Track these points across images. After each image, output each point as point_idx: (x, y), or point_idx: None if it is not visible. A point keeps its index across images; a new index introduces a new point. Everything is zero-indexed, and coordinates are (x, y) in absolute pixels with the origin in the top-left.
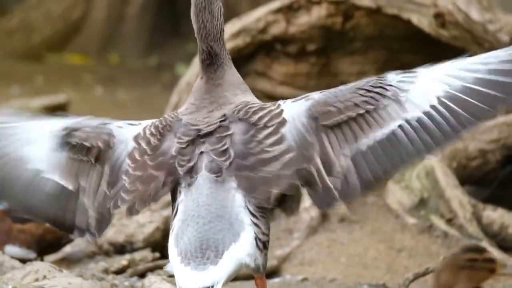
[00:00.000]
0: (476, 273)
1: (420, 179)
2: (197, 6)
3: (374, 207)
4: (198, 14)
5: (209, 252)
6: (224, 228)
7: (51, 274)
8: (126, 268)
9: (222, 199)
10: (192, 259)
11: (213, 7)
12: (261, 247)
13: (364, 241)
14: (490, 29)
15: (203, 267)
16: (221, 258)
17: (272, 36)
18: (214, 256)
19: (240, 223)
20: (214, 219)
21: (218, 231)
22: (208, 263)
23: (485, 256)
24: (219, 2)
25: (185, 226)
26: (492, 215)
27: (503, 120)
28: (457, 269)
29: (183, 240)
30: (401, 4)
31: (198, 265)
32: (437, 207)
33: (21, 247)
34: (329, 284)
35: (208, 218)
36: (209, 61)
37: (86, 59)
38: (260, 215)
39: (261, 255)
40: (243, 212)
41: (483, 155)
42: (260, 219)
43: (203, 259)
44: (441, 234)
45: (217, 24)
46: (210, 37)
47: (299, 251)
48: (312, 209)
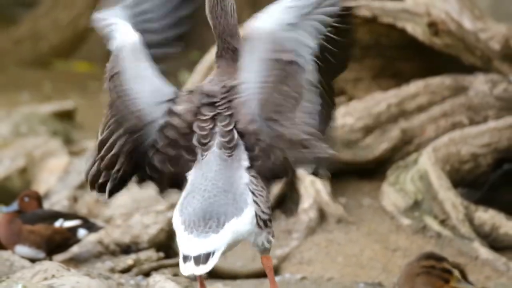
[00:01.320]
0: (431, 280)
1: (414, 182)
2: (210, 3)
3: (370, 209)
4: (212, 10)
5: (211, 222)
6: (228, 203)
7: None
8: (131, 267)
9: (230, 176)
10: (195, 227)
11: (226, 3)
12: (262, 224)
13: (361, 241)
14: (482, 37)
15: (205, 235)
16: (222, 228)
17: None
18: (216, 226)
19: (244, 200)
20: (219, 193)
21: (222, 205)
22: (210, 231)
23: (443, 266)
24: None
25: (191, 198)
26: (484, 216)
27: (494, 125)
28: (414, 276)
29: (188, 210)
30: (396, 13)
31: (200, 233)
32: (430, 209)
33: (30, 247)
34: (326, 283)
35: (214, 192)
36: (228, 56)
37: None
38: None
39: (262, 233)
40: (247, 190)
41: (475, 158)
42: (259, 197)
43: (205, 227)
44: (435, 234)
45: (231, 20)
46: (226, 33)
47: (298, 251)
48: (311, 210)
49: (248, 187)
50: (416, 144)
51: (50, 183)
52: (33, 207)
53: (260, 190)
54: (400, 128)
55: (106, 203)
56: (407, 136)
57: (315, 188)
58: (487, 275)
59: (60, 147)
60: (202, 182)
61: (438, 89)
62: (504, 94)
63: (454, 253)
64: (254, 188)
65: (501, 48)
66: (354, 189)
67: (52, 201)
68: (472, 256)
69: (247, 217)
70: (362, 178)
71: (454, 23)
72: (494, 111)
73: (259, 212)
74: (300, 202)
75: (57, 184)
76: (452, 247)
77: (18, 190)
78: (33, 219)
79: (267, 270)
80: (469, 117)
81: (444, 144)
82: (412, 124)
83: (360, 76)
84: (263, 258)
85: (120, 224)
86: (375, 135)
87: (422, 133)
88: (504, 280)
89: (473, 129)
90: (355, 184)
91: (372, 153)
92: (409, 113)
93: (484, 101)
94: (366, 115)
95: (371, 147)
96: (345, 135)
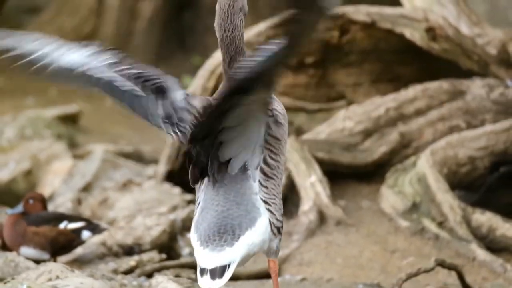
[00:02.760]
0: None
1: (413, 185)
2: (220, 16)
3: (369, 211)
4: (221, 23)
5: (226, 236)
6: (241, 215)
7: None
8: (134, 268)
9: (241, 187)
10: (210, 242)
11: (236, 18)
12: (276, 232)
13: (360, 243)
14: (479, 42)
15: (220, 248)
16: (237, 241)
17: None
18: (231, 239)
19: (257, 210)
20: (232, 206)
21: (236, 217)
22: (225, 245)
23: None
24: (241, 14)
25: (205, 214)
26: (481, 218)
27: (490, 129)
28: None
29: (203, 225)
30: (394, 19)
31: (215, 247)
32: (428, 211)
33: (35, 248)
34: (326, 284)
35: (227, 206)
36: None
37: None
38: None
39: (275, 240)
40: (259, 200)
41: (472, 161)
42: (272, 206)
43: (220, 241)
44: (433, 236)
45: (238, 34)
46: (232, 47)
47: (298, 252)
48: (310, 212)
49: (260, 196)
50: (414, 147)
51: (55, 185)
52: (37, 209)
53: (272, 198)
54: (398, 131)
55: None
56: (405, 139)
57: (315, 191)
58: (484, 276)
59: (64, 150)
60: (214, 197)
61: (436, 93)
62: (500, 98)
63: (452, 254)
64: (266, 196)
65: (497, 53)
66: (353, 191)
67: (57, 203)
68: (470, 257)
69: (261, 226)
70: (361, 180)
71: (451, 29)
72: (491, 115)
73: (273, 220)
74: (300, 205)
75: (61, 187)
76: (450, 248)
77: (23, 192)
78: (38, 221)
79: (273, 274)
80: (467, 121)
81: (442, 147)
82: (410, 127)
83: (359, 80)
84: (270, 262)
85: (123, 226)
86: (374, 139)
87: (420, 137)
88: (501, 281)
89: (470, 132)
90: (354, 187)
91: (371, 156)
92: (408, 117)
93: (481, 105)
94: (365, 119)
95: (370, 151)
96: (345, 139)
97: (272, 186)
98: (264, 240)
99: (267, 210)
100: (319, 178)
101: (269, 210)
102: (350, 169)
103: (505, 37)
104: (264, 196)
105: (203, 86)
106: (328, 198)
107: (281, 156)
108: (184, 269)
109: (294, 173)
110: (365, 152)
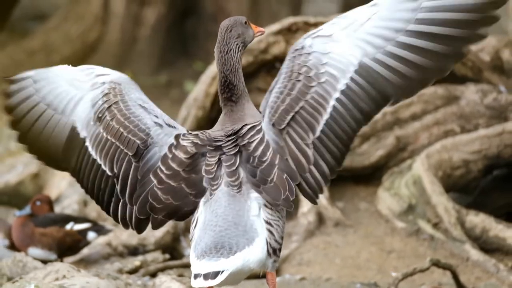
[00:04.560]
0: None
1: (408, 187)
2: (218, 38)
3: (366, 213)
4: (218, 45)
5: (223, 250)
6: (238, 234)
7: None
8: (138, 268)
9: (239, 209)
10: (206, 255)
11: (231, 41)
12: (271, 252)
13: (357, 243)
14: (473, 49)
15: (216, 259)
16: (233, 255)
17: (272, 56)
18: (227, 253)
19: (254, 231)
20: (230, 227)
21: (233, 237)
22: (221, 257)
23: None
24: (239, 40)
25: (203, 234)
26: (475, 219)
27: (484, 133)
28: None
29: (200, 245)
30: None
31: (211, 258)
32: (424, 213)
33: (43, 249)
34: (325, 283)
35: (225, 226)
36: (228, 94)
37: None
38: (275, 224)
39: (271, 260)
40: (257, 221)
41: (466, 165)
42: (274, 227)
43: (217, 254)
44: (428, 237)
45: (234, 56)
46: (226, 67)
47: (297, 252)
48: (310, 214)
49: (262, 218)
50: (410, 151)
51: (61, 188)
52: (44, 210)
53: (276, 219)
54: (395, 135)
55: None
56: (401, 143)
57: None
58: (477, 276)
59: None
60: (212, 218)
61: (431, 99)
62: (494, 103)
63: (446, 254)
64: (270, 218)
65: (491, 59)
66: (351, 193)
67: (63, 205)
68: (464, 257)
69: (258, 246)
70: (358, 183)
71: None
72: (484, 120)
73: (271, 241)
74: (300, 207)
75: (67, 189)
76: (445, 249)
77: (30, 194)
78: (45, 222)
79: (270, 286)
80: (461, 125)
81: (437, 151)
82: (406, 131)
83: None
84: (268, 274)
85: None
86: (371, 142)
87: (416, 141)
88: (494, 281)
89: (464, 136)
90: (352, 189)
91: (369, 159)
92: (404, 121)
93: (475, 110)
94: None
95: (368, 154)
96: None
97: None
98: (261, 260)
99: (267, 230)
100: None
101: (270, 231)
102: (348, 171)
103: (498, 44)
104: (267, 217)
105: (205, 91)
106: (326, 200)
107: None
108: (187, 269)
109: None
110: (362, 155)
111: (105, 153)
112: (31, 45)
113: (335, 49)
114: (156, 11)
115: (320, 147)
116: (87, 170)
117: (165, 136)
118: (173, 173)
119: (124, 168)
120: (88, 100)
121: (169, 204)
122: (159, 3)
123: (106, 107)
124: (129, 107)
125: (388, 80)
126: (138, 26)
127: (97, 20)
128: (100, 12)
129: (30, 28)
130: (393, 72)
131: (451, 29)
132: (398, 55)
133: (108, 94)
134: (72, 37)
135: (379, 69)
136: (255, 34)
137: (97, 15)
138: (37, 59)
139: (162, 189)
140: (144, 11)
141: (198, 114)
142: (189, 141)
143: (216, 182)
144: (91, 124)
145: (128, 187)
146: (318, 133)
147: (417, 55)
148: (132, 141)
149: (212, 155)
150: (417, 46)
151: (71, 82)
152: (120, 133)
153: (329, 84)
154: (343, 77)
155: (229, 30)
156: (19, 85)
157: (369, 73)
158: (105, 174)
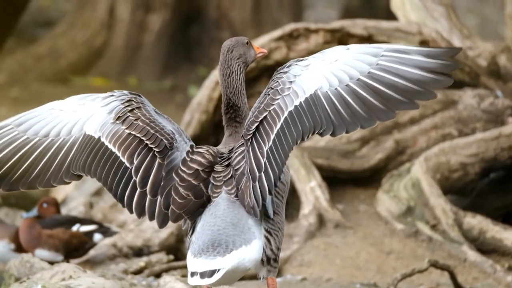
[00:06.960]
0: None
1: (407, 189)
2: (220, 60)
3: (366, 215)
4: (220, 68)
5: (219, 248)
6: (236, 234)
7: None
8: (143, 269)
9: (238, 213)
10: (203, 253)
11: (233, 63)
12: (265, 260)
13: (357, 245)
14: (470, 55)
15: (213, 258)
16: (229, 253)
17: (274, 61)
18: (223, 251)
19: (252, 234)
20: (228, 226)
21: (230, 235)
22: (217, 256)
23: None
24: (240, 61)
25: (200, 235)
26: (472, 221)
27: (481, 137)
28: None
29: (198, 243)
30: (390, 32)
31: (208, 256)
32: (422, 214)
33: (49, 250)
34: (325, 284)
35: (223, 225)
36: (233, 114)
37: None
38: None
39: (265, 269)
40: (256, 226)
41: (464, 167)
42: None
43: (213, 252)
44: (426, 238)
45: (237, 79)
46: (229, 90)
47: (298, 253)
48: (310, 216)
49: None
50: (408, 154)
51: (68, 190)
52: (51, 212)
53: (276, 230)
54: (394, 139)
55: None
56: (400, 146)
57: (315, 195)
58: (475, 276)
59: None
60: (211, 220)
61: (429, 103)
62: (490, 107)
63: (444, 255)
64: (271, 227)
65: (488, 64)
66: (351, 196)
67: (70, 207)
68: (461, 258)
69: (255, 246)
70: (358, 186)
71: (444, 42)
72: (481, 124)
73: (267, 248)
74: (301, 208)
75: (74, 191)
76: (442, 250)
77: (37, 197)
78: (52, 224)
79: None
80: (458, 129)
81: (435, 154)
82: (405, 135)
83: None
84: (268, 279)
85: (132, 228)
86: (370, 146)
87: (414, 144)
88: (490, 281)
89: (461, 140)
90: (352, 192)
91: (368, 162)
92: (402, 125)
93: (472, 114)
94: None
95: (367, 157)
96: (343, 146)
97: (278, 220)
98: (256, 260)
99: (265, 237)
100: (319, 183)
101: (267, 238)
102: (348, 174)
103: (495, 49)
104: (268, 226)
105: (208, 95)
106: (327, 202)
107: (284, 197)
108: None
109: (294, 178)
110: (362, 159)
111: (125, 146)
112: (38, 51)
113: (305, 74)
114: (160, 17)
115: (270, 157)
116: (102, 162)
117: (184, 144)
118: (194, 172)
119: (146, 162)
120: (103, 111)
121: (189, 201)
122: (164, 9)
123: (128, 109)
124: (151, 114)
125: (336, 111)
126: (143, 32)
127: (103, 26)
128: (106, 19)
129: (37, 34)
130: (339, 107)
131: (392, 93)
132: (343, 97)
133: (130, 101)
134: (78, 42)
135: (328, 101)
136: (256, 55)
137: (103, 21)
138: (44, 64)
139: (184, 186)
140: (149, 17)
141: (201, 118)
142: (204, 149)
143: (218, 190)
144: (109, 123)
145: (150, 180)
146: (270, 143)
147: (360, 102)
148: (159, 139)
149: (219, 165)
150: (360, 95)
151: (74, 109)
152: (146, 130)
153: (290, 98)
154: (302, 96)
155: (231, 51)
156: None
157: (320, 100)
158: (123, 165)
